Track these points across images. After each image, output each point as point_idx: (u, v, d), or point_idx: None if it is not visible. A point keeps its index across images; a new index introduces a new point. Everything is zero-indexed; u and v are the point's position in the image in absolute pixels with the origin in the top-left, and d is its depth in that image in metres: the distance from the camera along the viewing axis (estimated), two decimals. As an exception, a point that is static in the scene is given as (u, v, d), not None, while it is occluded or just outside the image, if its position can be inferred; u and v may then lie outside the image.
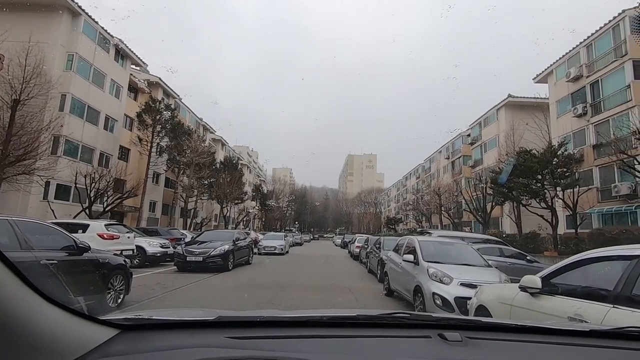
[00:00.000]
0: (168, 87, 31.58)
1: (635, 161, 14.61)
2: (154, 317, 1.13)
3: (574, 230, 18.56)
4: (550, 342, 1.13)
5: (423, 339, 1.11)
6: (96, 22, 21.93)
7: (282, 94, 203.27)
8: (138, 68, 28.13)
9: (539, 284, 3.13)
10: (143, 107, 26.39)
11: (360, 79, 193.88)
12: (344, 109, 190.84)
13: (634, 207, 18.25)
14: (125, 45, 24.61)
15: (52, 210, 16.98)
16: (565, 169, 18.20)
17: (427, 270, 5.99)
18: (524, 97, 30.71)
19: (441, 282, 5.69)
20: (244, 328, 1.12)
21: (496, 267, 6.87)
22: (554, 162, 18.04)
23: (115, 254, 6.51)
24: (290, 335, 1.10)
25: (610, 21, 20.30)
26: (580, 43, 22.45)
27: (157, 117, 26.24)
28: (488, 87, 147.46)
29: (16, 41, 15.61)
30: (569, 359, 1.04)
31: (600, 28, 21.02)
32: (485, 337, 1.13)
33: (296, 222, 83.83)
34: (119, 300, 5.77)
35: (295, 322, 1.20)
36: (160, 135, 26.99)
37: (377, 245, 12.94)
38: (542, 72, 26.45)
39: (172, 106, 29.37)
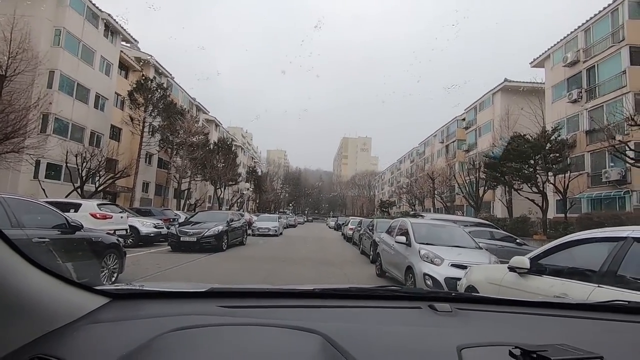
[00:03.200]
0: (160, 65, 30.87)
1: (626, 147, 14.77)
2: (145, 287, 1.13)
3: (563, 215, 18.88)
4: (538, 313, 1.16)
5: (414, 309, 1.14)
6: (84, -4, 21.15)
7: (278, 75, 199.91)
8: (129, 45, 27.37)
9: (528, 265, 3.21)
10: (134, 85, 25.82)
11: (356, 61, 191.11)
12: (340, 92, 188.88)
13: (622, 192, 18.57)
14: (115, 20, 23.83)
15: (43, 190, 16.78)
16: (557, 154, 18.35)
17: (419, 251, 6.09)
18: (520, 82, 30.56)
19: (432, 262, 5.80)
20: (236, 298, 1.13)
21: (486, 250, 7.00)
22: (546, 147, 18.15)
23: (108, 234, 6.50)
24: (283, 304, 1.11)
25: (609, 5, 20.08)
26: (579, 27, 22.23)
27: (149, 96, 25.73)
28: (487, 70, 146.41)
29: (0, 14, 15.02)
30: (555, 329, 1.06)
31: (600, 12, 20.79)
32: (474, 309, 1.16)
33: (290, 204, 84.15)
34: (113, 279, 5.79)
35: (288, 294, 1.21)
36: (153, 114, 26.53)
37: (370, 228, 13.06)
38: (539, 56, 26.27)
39: (165, 85, 28.77)
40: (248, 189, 56.89)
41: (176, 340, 0.81)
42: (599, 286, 2.52)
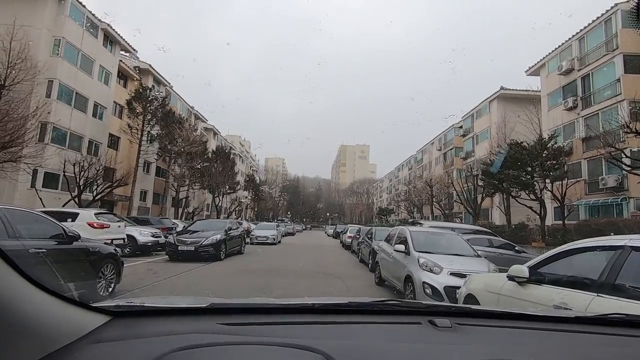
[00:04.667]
0: (159, 74, 31.00)
1: (622, 154, 14.87)
2: (145, 304, 1.12)
3: (561, 222, 18.91)
4: (537, 328, 1.16)
5: (413, 325, 1.14)
6: (83, 6, 21.32)
7: (276, 83, 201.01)
8: (127, 54, 27.54)
9: (527, 274, 3.20)
10: (133, 94, 25.91)
11: (355, 70, 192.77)
12: (338, 99, 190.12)
13: (619, 199, 18.64)
14: (114, 30, 24.02)
15: (40, 199, 16.70)
16: (554, 162, 18.44)
17: (418, 260, 6.07)
18: (516, 90, 30.88)
19: (431, 271, 5.78)
20: (236, 315, 1.12)
21: (485, 257, 6.98)
22: (543, 155, 18.26)
23: (105, 243, 6.46)
24: (283, 321, 1.10)
25: (602, 14, 20.39)
26: (573, 36, 22.55)
27: (148, 105, 25.81)
28: (484, 79, 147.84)
29: None
30: (555, 344, 1.07)
31: (593, 21, 21.11)
32: (474, 324, 1.16)
33: (288, 212, 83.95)
34: (110, 289, 5.74)
35: (288, 309, 1.21)
36: (151, 123, 26.58)
37: (369, 236, 13.03)
38: (535, 64, 26.55)
39: (163, 94, 28.88)
40: (246, 197, 56.78)
41: None
42: (598, 295, 2.52)
